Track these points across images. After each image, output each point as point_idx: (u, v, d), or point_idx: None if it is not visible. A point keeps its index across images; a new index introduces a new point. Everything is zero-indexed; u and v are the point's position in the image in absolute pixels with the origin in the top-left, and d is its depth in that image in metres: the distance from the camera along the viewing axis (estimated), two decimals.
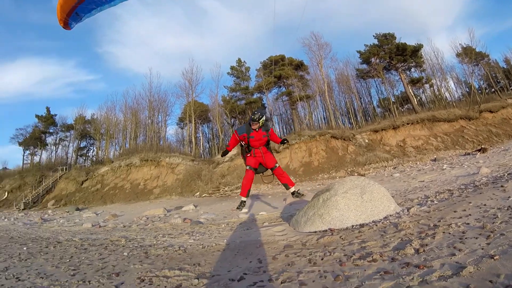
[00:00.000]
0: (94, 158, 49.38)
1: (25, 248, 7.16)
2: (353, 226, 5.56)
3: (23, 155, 55.80)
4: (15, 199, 39.25)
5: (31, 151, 55.30)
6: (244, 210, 7.37)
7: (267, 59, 43.66)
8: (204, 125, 49.94)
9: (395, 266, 3.09)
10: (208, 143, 50.64)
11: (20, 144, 54.77)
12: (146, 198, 28.34)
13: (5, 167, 57.95)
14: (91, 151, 54.49)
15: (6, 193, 43.29)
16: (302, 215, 6.49)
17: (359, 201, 5.93)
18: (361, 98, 45.70)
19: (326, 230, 5.66)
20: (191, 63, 49.61)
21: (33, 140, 53.13)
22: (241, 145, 7.36)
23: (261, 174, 7.63)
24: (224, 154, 7.65)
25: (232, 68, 46.10)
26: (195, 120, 42.38)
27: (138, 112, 48.03)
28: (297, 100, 41.49)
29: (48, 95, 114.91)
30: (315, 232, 5.75)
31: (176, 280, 3.78)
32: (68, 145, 54.60)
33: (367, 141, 30.11)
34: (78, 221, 16.20)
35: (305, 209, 6.56)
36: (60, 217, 19.28)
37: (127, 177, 33.89)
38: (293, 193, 7.40)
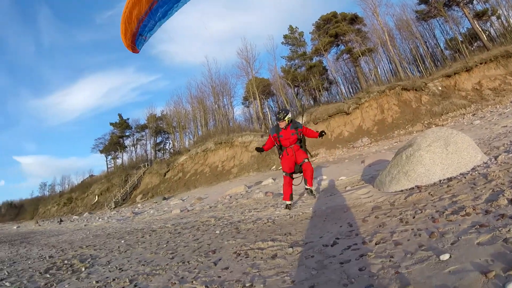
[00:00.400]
0: (172, 150, 53.88)
1: (123, 241, 8.10)
2: (440, 181, 5.32)
3: (106, 161, 63.83)
4: (105, 200, 44.43)
5: (112, 155, 63.27)
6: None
7: (318, 20, 42.03)
8: (268, 100, 50.20)
9: (489, 218, 2.98)
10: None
11: (101, 151, 62.93)
12: (225, 179, 29.39)
13: (91, 174, 67.16)
14: (168, 144, 59.67)
15: (96, 197, 51.26)
16: (386, 175, 6.34)
17: (444, 154, 5.64)
18: (426, 42, 41.62)
19: (413, 188, 5.53)
20: (244, 41, 49.45)
21: (113, 146, 60.75)
22: (276, 147, 7.74)
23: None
24: (259, 150, 7.54)
25: (285, 36, 44.95)
26: (259, 96, 42.58)
27: (203, 99, 50.12)
28: (359, 56, 39.29)
29: (117, 103, 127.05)
30: (402, 190, 5.66)
31: (270, 251, 4.00)
32: (146, 143, 60.76)
33: (440, 88, 27.84)
34: (167, 209, 17.53)
35: (388, 168, 6.41)
36: (149, 208, 20.83)
37: (205, 162, 35.69)
38: (309, 190, 7.62)
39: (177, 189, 33.84)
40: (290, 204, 7.27)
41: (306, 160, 7.25)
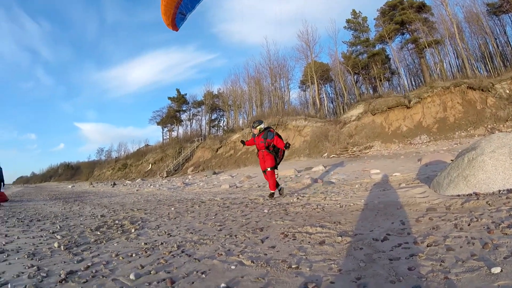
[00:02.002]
0: (225, 127, 55.61)
1: (172, 209, 8.37)
2: (500, 191, 4.99)
3: (162, 132, 68.97)
4: (158, 169, 46.12)
5: (168, 128, 67.75)
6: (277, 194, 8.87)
7: (384, 5, 40.00)
8: (326, 85, 49.22)
9: None
10: (332, 103, 50.10)
11: (158, 123, 67.75)
12: None
13: (147, 144, 71.95)
14: (222, 121, 61.85)
15: (150, 165, 53.69)
16: (444, 177, 6.03)
17: (507, 163, 5.23)
18: (496, 39, 38.21)
19: (471, 194, 5.22)
20: (305, 24, 48.73)
21: (169, 119, 64.84)
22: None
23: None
24: (242, 142, 9.64)
25: (348, 21, 43.31)
26: (317, 81, 41.65)
27: (260, 80, 50.17)
28: (425, 47, 36.96)
29: (176, 79, 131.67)
30: (459, 195, 5.36)
31: (319, 237, 3.97)
32: (201, 119, 63.41)
33: (508, 91, 25.69)
34: (216, 183, 17.92)
35: (448, 170, 6.07)
36: (199, 181, 21.44)
37: None
38: (270, 194, 8.59)
39: (228, 165, 34.41)
40: (273, 193, 8.60)
41: (268, 169, 8.56)
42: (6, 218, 9.25)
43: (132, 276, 2.95)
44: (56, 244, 4.82)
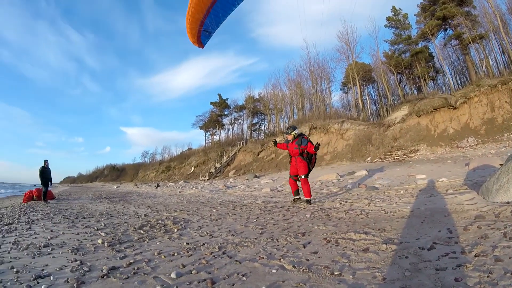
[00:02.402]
0: (267, 131, 55.44)
1: (214, 210, 8.45)
2: None
3: (205, 136, 70.35)
4: (200, 172, 46.89)
5: (211, 132, 69.21)
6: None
7: (424, 0, 38.19)
8: (368, 86, 47.59)
9: None
10: (375, 104, 48.18)
11: (201, 127, 69.04)
12: (317, 165, 28.66)
13: (190, 147, 74.59)
14: (263, 125, 61.74)
15: (192, 168, 54.59)
16: (493, 182, 5.66)
17: None
18: None
19: None
20: (344, 23, 47.03)
21: (212, 123, 66.18)
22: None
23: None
24: (274, 143, 9.96)
25: (388, 19, 41.61)
26: (359, 82, 40.55)
27: (301, 83, 49.55)
28: (469, 43, 34.98)
29: (218, 83, 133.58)
30: (508, 202, 4.99)
31: (362, 244, 3.85)
32: (242, 123, 63.98)
33: None
34: (257, 186, 17.86)
35: (497, 175, 5.68)
36: (241, 184, 21.50)
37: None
38: (306, 201, 8.45)
39: (269, 169, 34.36)
40: (297, 198, 8.87)
41: (302, 177, 8.57)
42: (52, 214, 9.65)
43: (173, 275, 2.97)
44: (100, 241, 4.95)
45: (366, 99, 45.84)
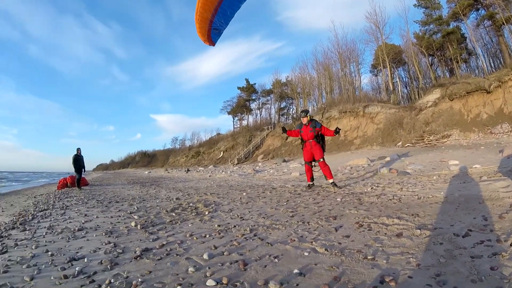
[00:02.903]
0: (295, 115, 54.08)
1: (244, 194, 8.51)
2: None
3: (233, 121, 70.56)
4: (229, 156, 47.15)
5: (239, 117, 69.19)
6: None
7: None
8: (399, 69, 45.60)
9: None
10: (406, 87, 46.19)
11: (229, 113, 69.06)
12: (347, 149, 28.50)
13: (219, 133, 74.98)
14: (291, 109, 60.53)
15: (221, 153, 55.25)
16: None
17: None
18: None
19: None
20: (372, 3, 45.48)
21: (240, 108, 65.89)
22: (300, 139, 9.32)
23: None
24: (283, 130, 9.46)
25: None
26: (389, 64, 38.94)
27: (329, 66, 47.29)
28: (502, 24, 32.96)
29: (245, 68, 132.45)
30: None
31: (396, 229, 3.76)
32: (270, 107, 63.67)
33: None
34: (286, 170, 17.92)
35: None
36: (269, 168, 21.56)
37: None
38: (332, 184, 8.46)
39: (297, 153, 34.10)
40: (312, 184, 8.83)
41: (321, 160, 8.62)
42: (86, 200, 9.94)
43: (205, 256, 3.00)
44: (133, 223, 5.06)
45: (396, 81, 44.10)
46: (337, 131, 8.44)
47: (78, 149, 16.43)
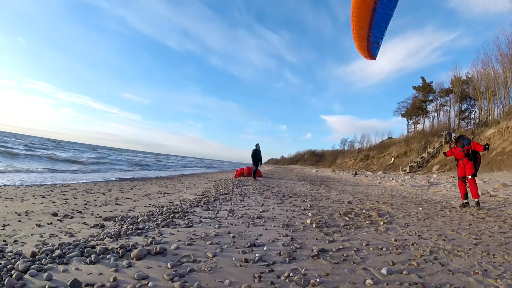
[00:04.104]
0: (478, 120, 46.44)
1: (420, 208, 8.00)
2: None
3: (407, 125, 65.33)
4: (400, 164, 44.63)
5: (413, 120, 63.62)
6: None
7: None
8: None
9: None
10: None
11: (402, 115, 64.68)
12: None
13: (390, 137, 70.94)
14: (473, 112, 51.77)
15: (392, 158, 52.30)
16: None
17: None
18: None
19: None
20: None
21: (415, 110, 60.45)
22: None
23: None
24: (444, 154, 9.91)
25: None
26: None
27: None
28: None
29: (418, 65, 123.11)
30: None
31: None
32: (449, 110, 55.88)
33: None
34: None
35: None
36: (446, 182, 19.82)
37: None
38: (475, 202, 8.45)
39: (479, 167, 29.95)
40: (466, 203, 8.65)
41: (469, 177, 8.60)
42: (262, 190, 10.75)
43: (383, 271, 2.99)
44: (308, 221, 5.33)
45: None
46: (485, 147, 8.28)
47: (257, 145, 18.14)
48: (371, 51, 9.40)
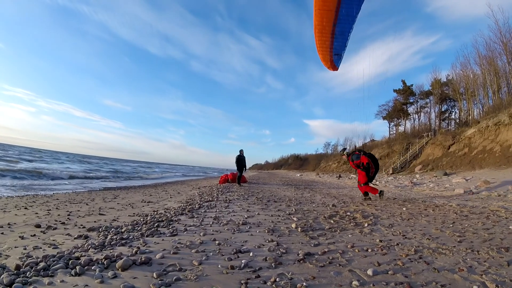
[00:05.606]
0: (458, 120, 48.38)
1: (404, 209, 8.06)
2: None
3: (389, 127, 66.77)
4: (383, 165, 44.79)
5: (395, 122, 65.13)
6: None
7: None
8: None
9: None
10: None
11: (384, 118, 65.74)
12: None
13: (373, 139, 71.87)
14: (453, 113, 53.49)
15: None
16: None
17: None
18: None
19: None
20: None
21: (396, 112, 61.80)
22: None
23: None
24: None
25: None
26: None
27: (494, 59, 39.71)
28: None
29: (398, 69, 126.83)
30: None
31: None
32: (430, 111, 57.38)
33: None
34: (448, 186, 16.37)
35: None
36: (428, 181, 20.13)
37: (496, 139, 27.87)
38: (380, 195, 10.30)
39: (460, 166, 30.23)
40: (368, 198, 10.36)
41: (362, 185, 10.41)
42: (246, 196, 10.77)
43: (369, 272, 3.00)
44: (293, 225, 5.36)
45: None
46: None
47: (241, 150, 18.32)
48: (334, 62, 9.96)
